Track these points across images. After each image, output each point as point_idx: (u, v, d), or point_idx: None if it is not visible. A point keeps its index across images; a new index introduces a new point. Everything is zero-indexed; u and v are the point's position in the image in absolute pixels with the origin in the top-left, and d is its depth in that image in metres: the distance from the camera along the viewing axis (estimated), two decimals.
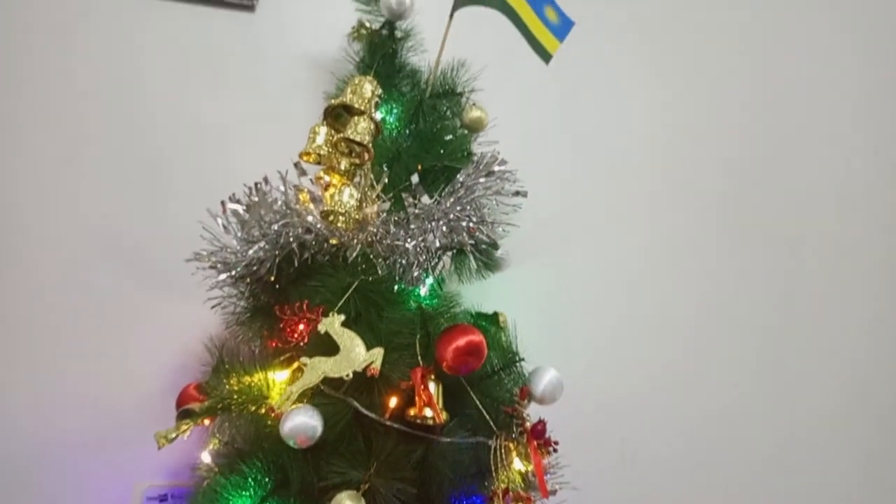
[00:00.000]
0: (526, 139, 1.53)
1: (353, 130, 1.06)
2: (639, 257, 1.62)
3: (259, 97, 1.46)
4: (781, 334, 1.70)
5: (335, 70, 1.39)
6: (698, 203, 1.68)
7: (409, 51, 1.28)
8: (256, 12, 1.50)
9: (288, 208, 1.07)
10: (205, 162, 1.42)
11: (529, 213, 1.27)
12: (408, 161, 1.14)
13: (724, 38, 1.74)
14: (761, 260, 1.71)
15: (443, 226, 1.09)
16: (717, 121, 1.72)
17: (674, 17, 1.71)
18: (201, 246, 1.11)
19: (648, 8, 1.69)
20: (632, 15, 1.68)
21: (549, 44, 1.17)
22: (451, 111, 1.23)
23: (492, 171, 1.14)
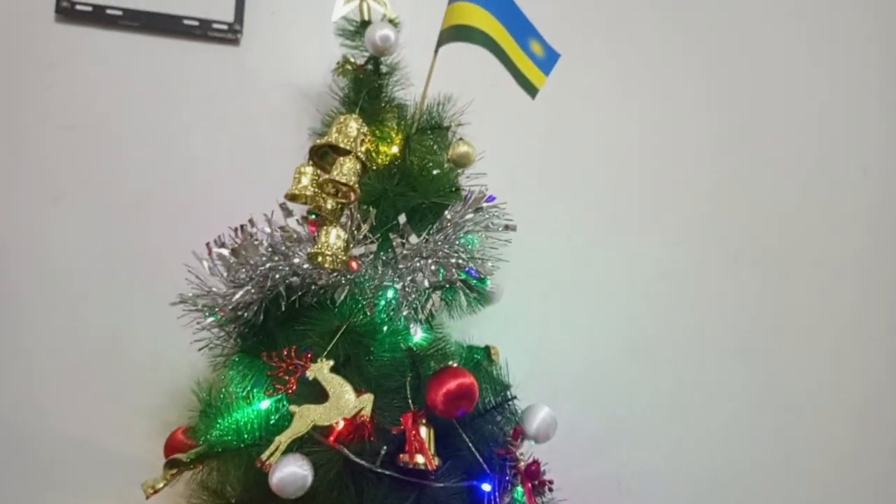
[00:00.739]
0: (514, 170, 1.52)
1: (339, 171, 1.05)
2: (629, 283, 1.62)
3: (245, 131, 1.45)
4: (775, 357, 1.69)
5: (320, 105, 1.38)
6: (687, 227, 1.67)
7: (395, 85, 1.28)
8: (241, 45, 1.49)
9: (274, 251, 1.06)
10: (193, 197, 1.42)
11: (519, 244, 1.26)
12: (395, 199, 1.13)
13: (707, 60, 1.74)
14: (752, 282, 1.70)
15: (431, 265, 1.08)
16: (703, 144, 1.71)
17: (654, 42, 1.71)
18: (189, 283, 1.11)
19: (628, 37, 1.69)
20: (612, 45, 1.68)
21: (535, 78, 1.16)
22: (437, 146, 1.22)
23: (480, 208, 1.13)
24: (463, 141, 1.20)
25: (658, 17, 1.71)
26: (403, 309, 1.07)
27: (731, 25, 1.77)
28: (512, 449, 1.02)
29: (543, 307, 1.55)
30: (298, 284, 1.05)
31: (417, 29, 1.31)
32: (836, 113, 1.82)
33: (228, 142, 1.44)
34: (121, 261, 1.37)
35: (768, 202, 1.73)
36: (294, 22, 1.51)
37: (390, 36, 1.21)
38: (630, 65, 1.69)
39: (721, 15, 1.76)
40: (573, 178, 1.61)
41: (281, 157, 1.41)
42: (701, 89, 1.73)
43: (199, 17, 1.47)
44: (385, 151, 1.20)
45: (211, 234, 1.12)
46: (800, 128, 1.79)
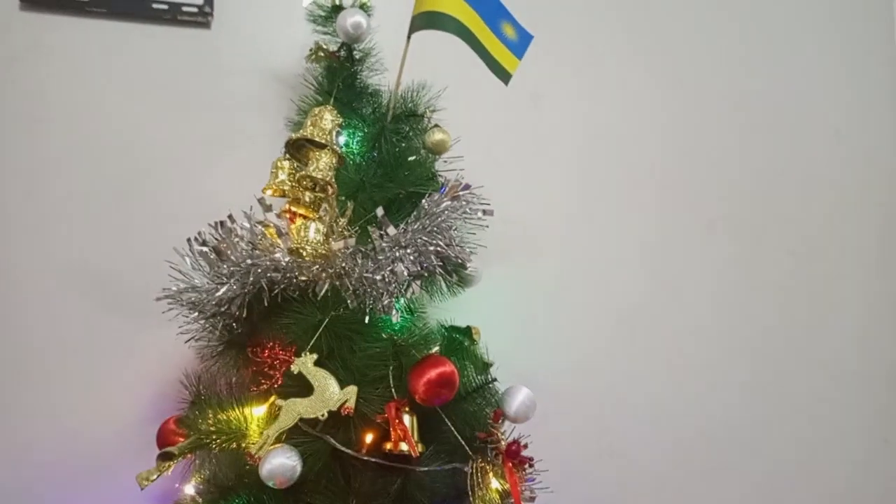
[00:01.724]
0: (490, 149, 1.53)
1: (315, 167, 1.06)
2: (609, 254, 1.64)
3: (220, 117, 1.44)
4: (752, 321, 1.73)
5: (295, 88, 1.37)
6: (663, 199, 1.69)
7: (369, 70, 1.28)
8: (212, 29, 1.47)
9: (254, 247, 1.07)
10: (170, 186, 1.41)
11: (498, 226, 1.28)
12: (372, 191, 1.14)
13: (682, 21, 1.73)
14: (726, 249, 1.73)
15: (410, 254, 1.10)
16: (677, 112, 1.72)
17: (642, 26, 1.70)
18: (171, 274, 1.12)
19: (600, 12, 1.68)
20: (596, 21, 1.67)
21: (508, 63, 1.16)
22: (413, 133, 1.23)
23: (457, 196, 1.14)
24: (438, 128, 1.21)
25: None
26: (384, 298, 1.09)
27: (729, 20, 1.76)
28: (493, 431, 1.06)
29: (524, 283, 1.58)
30: (280, 279, 1.07)
31: (390, 12, 1.30)
32: (811, 75, 1.83)
33: (203, 129, 1.43)
34: (98, 255, 1.37)
35: (741, 167, 1.75)
36: (266, 3, 1.49)
37: (362, 23, 1.20)
38: (603, 38, 1.68)
39: None
40: (550, 155, 1.62)
41: (257, 142, 1.41)
42: (673, 55, 1.73)
43: (169, 1, 1.44)
44: (361, 139, 1.20)
45: (191, 224, 1.12)
46: (774, 90, 1.80)
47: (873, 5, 1.89)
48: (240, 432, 1.04)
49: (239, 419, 1.06)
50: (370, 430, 1.01)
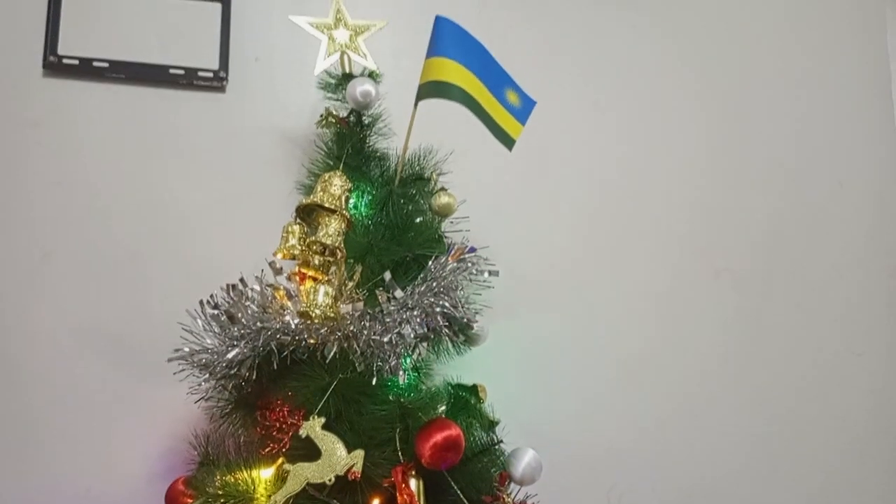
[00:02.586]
0: (495, 206, 1.56)
1: (325, 232, 1.09)
2: (613, 305, 1.65)
3: (234, 178, 1.48)
4: (758, 372, 1.73)
5: (305, 158, 1.42)
6: (668, 247, 1.71)
7: (378, 135, 1.32)
8: (227, 92, 1.52)
9: (265, 310, 1.09)
10: (183, 246, 1.44)
11: (505, 282, 1.30)
12: (380, 254, 1.17)
13: (684, 79, 1.77)
14: (732, 298, 1.74)
15: (417, 316, 1.12)
16: (682, 165, 1.75)
17: (629, 63, 1.74)
18: (183, 335, 1.14)
19: (602, 59, 1.73)
20: (599, 75, 1.72)
21: (511, 129, 1.20)
22: (420, 196, 1.26)
23: (462, 259, 1.17)
24: (445, 191, 1.24)
25: (633, 37, 1.75)
26: (391, 359, 1.11)
27: (708, 43, 1.80)
28: (499, 495, 1.06)
29: (530, 338, 1.59)
30: (289, 342, 1.09)
31: (398, 79, 1.35)
32: (814, 127, 1.86)
33: (217, 190, 1.47)
34: (114, 315, 1.40)
35: (747, 219, 1.76)
36: (278, 66, 1.54)
37: (371, 91, 1.24)
38: (605, 86, 1.72)
39: (697, 34, 1.80)
40: (557, 210, 1.64)
41: (269, 204, 1.44)
42: (678, 109, 1.76)
43: (185, 66, 1.49)
44: (369, 203, 1.23)
45: (204, 285, 1.15)
46: (777, 142, 1.82)
47: (871, 60, 1.92)
48: (247, 496, 1.05)
49: (246, 482, 1.07)
50: (377, 495, 1.02)
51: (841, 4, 1.93)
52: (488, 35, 1.20)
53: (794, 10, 1.89)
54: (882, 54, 1.95)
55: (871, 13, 1.95)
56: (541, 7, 1.71)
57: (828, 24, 1.91)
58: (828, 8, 1.92)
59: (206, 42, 1.51)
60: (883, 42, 1.95)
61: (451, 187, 1.30)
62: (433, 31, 1.17)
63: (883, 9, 1.97)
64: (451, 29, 1.17)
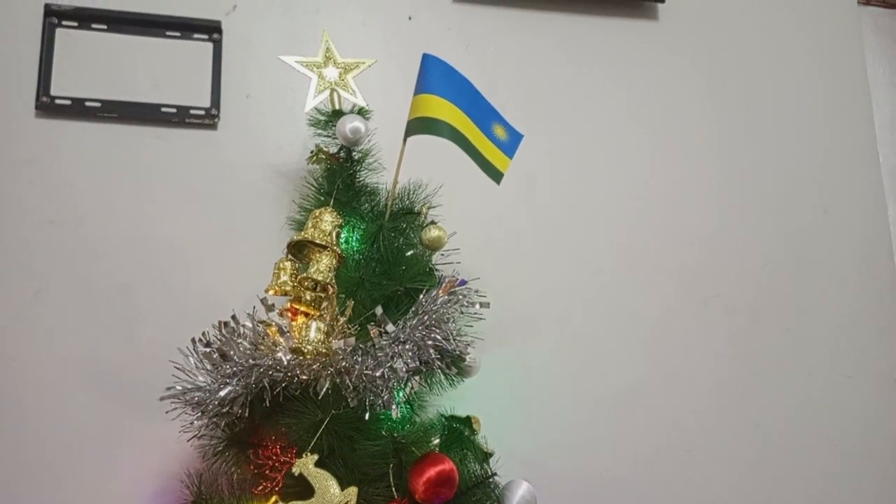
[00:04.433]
0: (487, 240, 1.58)
1: (316, 268, 1.10)
2: (605, 338, 1.66)
3: (225, 215, 1.49)
4: (750, 399, 1.73)
5: (296, 194, 1.42)
6: (659, 278, 1.72)
7: (368, 170, 1.33)
8: (218, 130, 1.53)
9: (257, 347, 1.09)
10: (175, 283, 1.44)
11: (496, 312, 1.30)
12: (371, 288, 1.18)
13: (669, 107, 1.80)
14: (723, 327, 1.75)
15: (409, 350, 1.12)
16: (670, 195, 1.77)
17: (634, 107, 1.77)
18: (175, 373, 1.13)
19: (606, 96, 1.75)
20: (589, 101, 1.74)
21: (499, 163, 1.21)
22: (410, 230, 1.27)
23: (453, 291, 1.18)
24: (434, 225, 1.25)
25: (619, 68, 1.78)
26: (384, 394, 1.11)
27: (692, 73, 1.83)
28: None
29: (523, 368, 1.59)
30: (281, 378, 1.09)
31: (387, 115, 1.37)
32: (798, 155, 1.89)
33: (209, 226, 1.47)
34: (106, 351, 1.39)
35: (735, 246, 1.78)
36: (269, 104, 1.56)
37: (360, 128, 1.26)
38: (591, 118, 1.74)
39: (679, 66, 1.83)
40: (546, 238, 1.66)
41: (260, 239, 1.44)
42: (666, 139, 1.79)
43: (177, 104, 1.51)
44: (360, 238, 1.24)
45: (196, 322, 1.16)
46: (763, 170, 1.85)
47: (852, 89, 1.96)
48: None
49: None
50: None
51: (820, 35, 1.97)
52: (475, 71, 1.22)
53: (775, 40, 1.93)
54: (863, 82, 1.99)
55: (850, 42, 2.00)
56: (525, 42, 1.74)
57: (808, 53, 1.95)
58: (808, 38, 1.96)
59: (197, 80, 1.53)
60: (863, 71, 2.00)
61: (441, 221, 1.31)
62: (421, 68, 1.19)
63: (860, 37, 2.02)
64: (438, 66, 1.19)
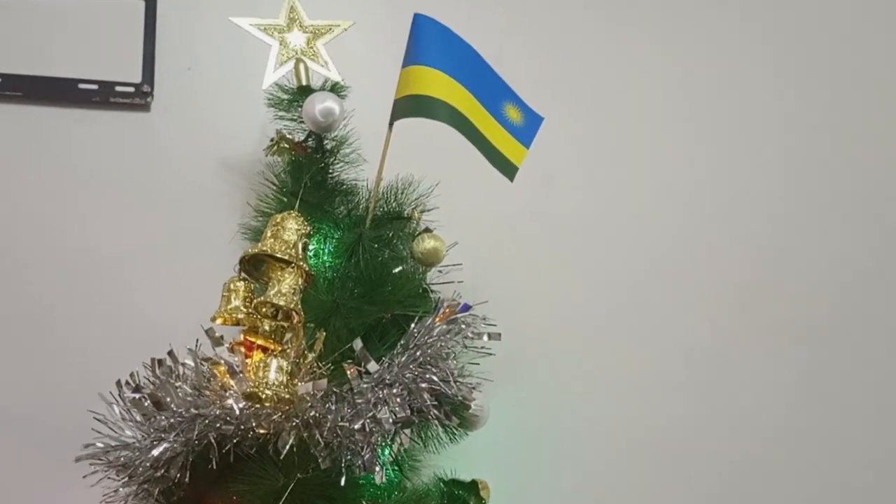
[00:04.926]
0: (496, 252, 1.57)
1: (277, 290, 1.08)
2: (644, 374, 1.64)
3: (161, 221, 1.48)
4: (828, 447, 1.72)
5: (252, 194, 1.41)
6: (712, 299, 1.70)
7: (344, 163, 1.32)
8: (152, 112, 1.52)
9: (200, 392, 1.08)
10: (100, 308, 1.44)
11: (508, 345, 1.29)
12: (348, 315, 1.16)
13: (742, 87, 1.78)
14: (796, 361, 1.74)
15: (397, 395, 1.11)
16: (731, 192, 1.75)
17: (653, 70, 1.76)
18: (95, 427, 1.12)
19: (627, 71, 1.74)
20: (605, 81, 1.73)
21: (512, 153, 1.20)
22: (398, 240, 1.26)
23: (454, 319, 1.16)
24: (430, 234, 1.24)
25: (660, 40, 1.77)
26: (365, 452, 1.09)
27: (759, 40, 1.82)
28: None
29: (542, 415, 1.58)
30: (233, 432, 1.07)
31: (368, 92, 1.35)
32: (889, 143, 1.87)
33: (142, 236, 1.47)
34: (10, 398, 1.40)
35: (812, 262, 1.77)
36: (217, 78, 1.55)
37: (334, 109, 1.24)
38: (626, 98, 1.73)
39: (750, 28, 1.82)
40: (568, 250, 1.64)
41: (206, 251, 1.44)
42: (718, 124, 1.77)
43: (98, 79, 1.50)
44: (333, 251, 1.23)
45: (124, 360, 1.15)
46: (843, 163, 1.83)
47: None
48: None
49: None
50: None
51: None
52: (481, 39, 1.20)
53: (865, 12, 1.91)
54: None
55: None
56: (545, 4, 1.73)
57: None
58: None
59: (125, 49, 1.51)
60: None
61: (437, 227, 1.30)
62: (411, 32, 1.17)
63: None
64: (434, 29, 1.17)
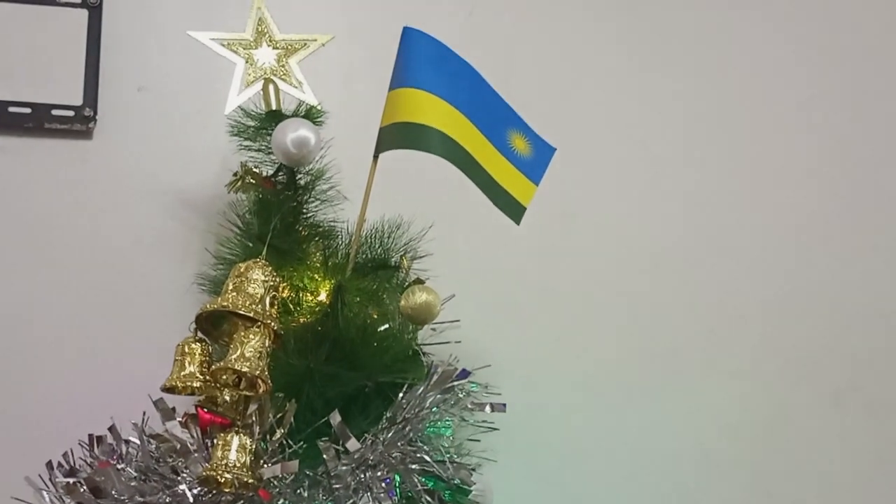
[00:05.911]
0: (502, 304, 1.58)
1: (240, 353, 1.08)
2: (684, 454, 1.65)
3: (104, 267, 1.49)
4: None
5: (211, 238, 1.43)
6: (763, 362, 1.71)
7: (320, 201, 1.33)
8: (94, 139, 1.53)
9: (148, 476, 1.08)
10: (27, 367, 1.44)
11: (517, 415, 1.29)
12: (323, 383, 1.16)
13: (801, 106, 1.81)
14: (863, 431, 1.74)
15: (382, 480, 1.11)
16: (783, 231, 1.77)
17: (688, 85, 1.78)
18: None
19: (659, 86, 1.77)
20: (631, 100, 1.76)
21: (519, 191, 1.21)
22: (384, 292, 1.27)
23: (450, 387, 1.17)
24: (422, 286, 1.23)
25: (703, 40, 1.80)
26: None
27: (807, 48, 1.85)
28: None
29: (557, 500, 1.57)
30: None
31: (349, 118, 1.37)
32: None
33: (80, 286, 1.47)
34: None
35: (884, 318, 1.77)
36: (171, 101, 1.57)
37: (309, 138, 1.24)
38: (658, 117, 1.76)
39: (794, 32, 1.85)
40: (589, 308, 1.65)
41: (157, 305, 1.45)
42: (774, 150, 1.79)
43: (32, 102, 1.51)
44: (309, 306, 1.23)
45: (57, 436, 1.15)
46: None
47: None
48: None
49: None
50: None
51: None
52: (480, 53, 1.23)
53: None
54: None
55: None
56: (556, 9, 1.75)
57: None
58: None
59: (64, 65, 1.53)
60: None
61: (431, 278, 1.30)
62: (400, 48, 1.19)
63: None
64: (426, 45, 1.20)
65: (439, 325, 1.31)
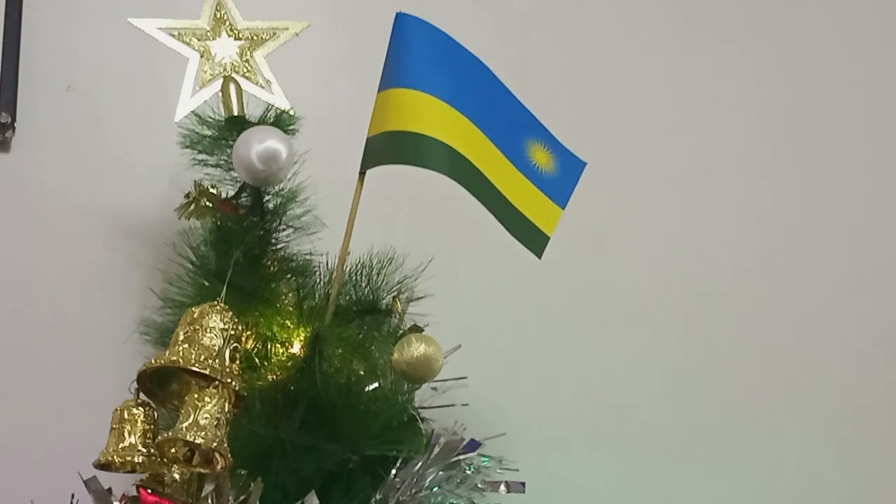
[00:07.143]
0: (515, 356, 1.59)
1: (193, 422, 1.07)
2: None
3: (24, 309, 1.49)
4: None
5: (155, 275, 1.43)
6: (828, 414, 1.73)
7: (293, 229, 1.33)
8: (12, 151, 1.54)
9: None
10: None
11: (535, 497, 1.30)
12: (297, 457, 1.16)
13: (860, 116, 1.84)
14: None
15: None
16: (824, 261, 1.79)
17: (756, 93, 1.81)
18: None
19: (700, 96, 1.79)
20: (671, 108, 1.79)
21: (541, 217, 1.21)
22: (372, 343, 1.28)
23: (455, 461, 1.17)
24: (419, 335, 1.23)
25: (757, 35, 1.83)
26: None
27: None
28: None
29: None
30: None
31: (330, 125, 1.38)
32: None
33: None
34: None
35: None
36: (108, 104, 1.57)
37: (280, 151, 1.25)
38: (700, 131, 1.79)
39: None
40: (620, 361, 1.67)
41: (90, 354, 1.46)
42: (830, 169, 1.82)
43: None
44: (279, 360, 1.23)
45: None
46: None
47: None
48: None
49: None
50: None
51: None
52: (491, 44, 1.24)
53: None
54: None
55: None
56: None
57: None
58: None
59: None
60: None
61: (431, 325, 1.30)
62: (392, 39, 1.20)
63: None
64: (424, 36, 1.20)
65: (441, 384, 1.31)
